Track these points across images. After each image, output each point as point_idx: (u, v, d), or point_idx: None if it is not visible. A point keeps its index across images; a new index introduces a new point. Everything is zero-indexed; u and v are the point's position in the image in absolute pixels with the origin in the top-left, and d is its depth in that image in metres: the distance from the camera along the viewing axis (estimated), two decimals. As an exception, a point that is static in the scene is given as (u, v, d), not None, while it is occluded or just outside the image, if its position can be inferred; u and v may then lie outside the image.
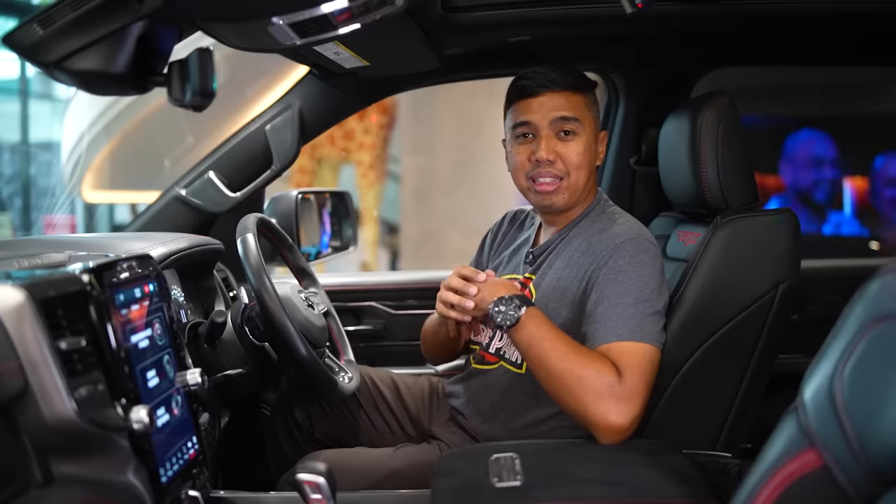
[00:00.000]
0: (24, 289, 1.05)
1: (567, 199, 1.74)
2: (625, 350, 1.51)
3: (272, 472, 1.91)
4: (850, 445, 0.80)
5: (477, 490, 1.31)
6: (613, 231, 1.68)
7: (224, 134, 2.33)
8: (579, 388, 1.46)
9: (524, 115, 1.74)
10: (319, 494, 1.19)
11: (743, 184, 1.78)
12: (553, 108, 1.71)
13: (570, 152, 1.71)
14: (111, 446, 1.14)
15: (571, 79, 1.73)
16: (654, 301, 1.58)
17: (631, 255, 1.61)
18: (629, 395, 1.46)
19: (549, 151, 1.71)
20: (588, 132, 1.73)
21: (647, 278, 1.59)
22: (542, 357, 1.51)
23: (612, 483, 1.32)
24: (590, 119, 1.75)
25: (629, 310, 1.54)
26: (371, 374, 2.05)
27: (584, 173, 1.73)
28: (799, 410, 0.87)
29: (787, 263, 1.72)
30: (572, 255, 1.71)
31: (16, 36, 1.11)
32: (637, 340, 1.52)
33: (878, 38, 2.22)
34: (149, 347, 1.28)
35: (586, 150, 1.72)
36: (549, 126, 1.72)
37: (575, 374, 1.47)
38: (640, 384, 1.48)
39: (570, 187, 1.73)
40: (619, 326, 1.53)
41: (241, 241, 1.69)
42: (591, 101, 1.76)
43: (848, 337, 0.84)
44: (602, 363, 1.49)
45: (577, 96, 1.73)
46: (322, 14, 1.19)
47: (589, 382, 1.46)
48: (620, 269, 1.59)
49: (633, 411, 1.46)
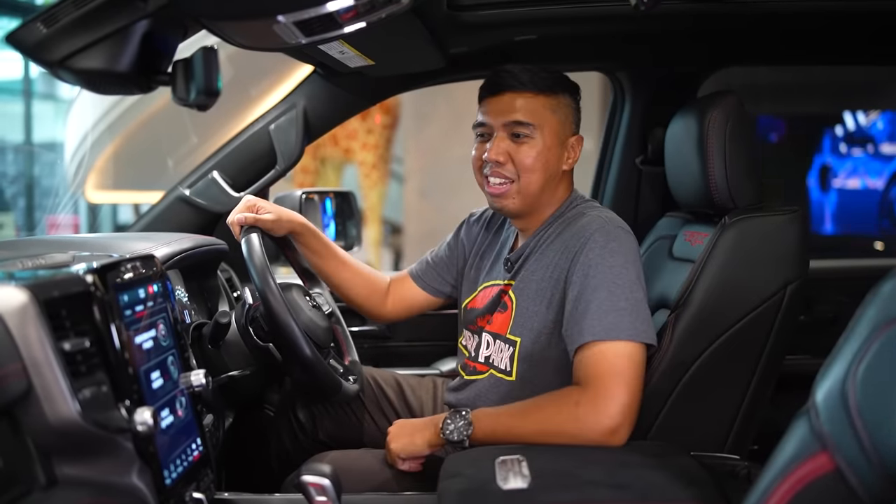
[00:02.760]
0: (27, 289, 1.04)
1: (519, 204, 1.73)
2: (595, 355, 1.50)
3: (276, 474, 1.90)
4: (863, 448, 0.79)
5: (483, 492, 1.30)
6: (581, 223, 1.66)
7: (228, 134, 2.33)
8: (558, 430, 1.48)
9: (482, 115, 1.74)
10: (324, 496, 1.18)
11: (751, 183, 1.77)
12: (508, 111, 1.70)
13: (521, 155, 1.69)
14: (115, 448, 1.13)
15: (538, 80, 1.70)
16: (631, 292, 1.54)
17: (601, 245, 1.58)
18: (600, 397, 1.46)
19: (499, 153, 1.70)
20: (547, 136, 1.70)
21: (619, 268, 1.56)
22: (511, 436, 1.51)
23: (619, 485, 1.31)
24: (552, 123, 1.71)
25: (604, 305, 1.52)
26: (375, 375, 2.05)
27: (537, 177, 1.70)
28: (811, 413, 0.86)
29: (795, 263, 1.71)
30: (549, 257, 1.69)
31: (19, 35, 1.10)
32: (613, 338, 1.50)
33: (887, 37, 2.20)
34: (153, 348, 1.27)
35: (540, 155, 1.69)
36: (502, 128, 1.70)
37: (545, 426, 1.49)
38: (617, 382, 1.47)
39: (521, 191, 1.71)
40: (594, 325, 1.51)
41: (245, 242, 1.69)
42: (558, 105, 1.72)
43: (860, 339, 0.83)
44: (557, 398, 1.51)
45: (540, 98, 1.70)
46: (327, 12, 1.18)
47: (561, 421, 1.48)
48: (591, 262, 1.57)
49: (614, 406, 1.45)
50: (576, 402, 1.47)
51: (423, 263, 2.08)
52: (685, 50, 2.36)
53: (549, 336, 1.65)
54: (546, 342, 1.65)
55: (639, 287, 1.57)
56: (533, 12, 1.91)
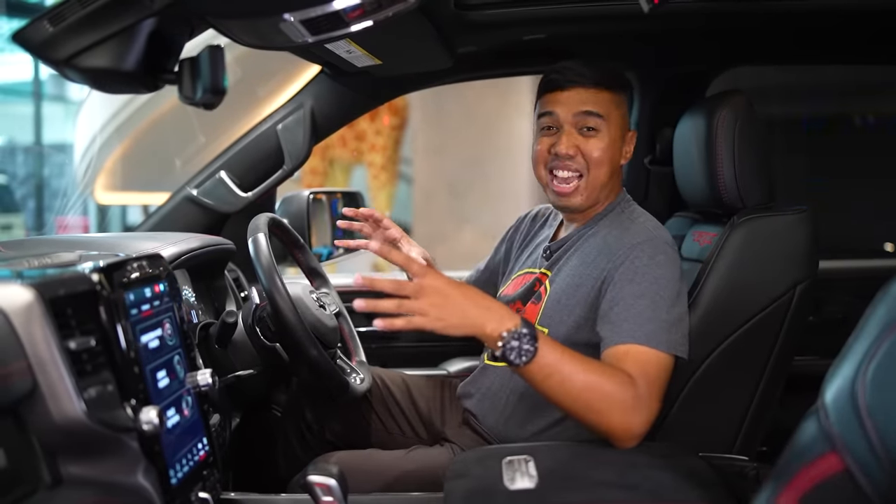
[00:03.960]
0: (33, 288, 1.04)
1: (585, 199, 1.73)
2: (640, 356, 1.48)
3: (283, 474, 1.90)
4: (872, 448, 0.78)
5: (490, 493, 1.29)
6: (631, 231, 1.66)
7: (236, 135, 2.33)
8: (605, 403, 1.40)
9: (549, 106, 1.73)
10: (331, 497, 1.18)
11: (759, 183, 1.76)
12: (578, 103, 1.70)
13: (591, 148, 1.70)
14: (120, 447, 1.13)
15: (600, 75, 1.71)
16: (671, 306, 1.53)
17: (648, 256, 1.57)
18: (646, 402, 1.43)
19: (570, 146, 1.69)
20: (613, 129, 1.71)
21: (665, 281, 1.55)
22: (564, 382, 1.40)
23: (627, 486, 1.30)
24: (616, 117, 1.72)
25: (646, 313, 1.51)
26: (381, 374, 2.04)
27: (605, 170, 1.71)
28: (820, 413, 0.85)
29: (804, 263, 1.70)
30: (589, 253, 1.69)
31: (26, 33, 1.10)
32: (652, 346, 1.48)
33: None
34: (159, 347, 1.26)
35: (608, 148, 1.70)
36: (572, 119, 1.70)
37: (601, 390, 1.40)
38: (654, 391, 1.45)
39: (589, 185, 1.71)
40: (636, 330, 1.49)
41: (252, 241, 1.69)
42: (619, 100, 1.74)
43: (870, 338, 0.82)
44: (622, 375, 1.44)
45: (605, 93, 1.71)
46: (334, 10, 1.18)
47: (615, 397, 1.40)
48: (637, 270, 1.56)
49: (650, 417, 1.43)
50: (633, 397, 1.41)
51: (476, 272, 2.15)
52: (695, 49, 2.35)
53: (577, 330, 1.63)
54: (574, 335, 1.63)
55: (681, 303, 1.57)
56: (541, 11, 1.90)
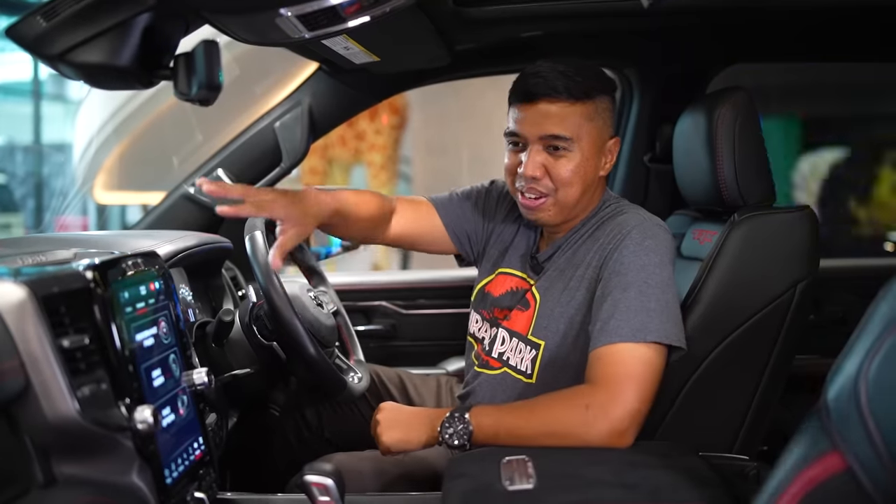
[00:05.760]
0: (26, 285, 1.03)
1: (554, 215, 1.67)
2: (613, 356, 1.46)
3: (282, 474, 1.88)
4: (875, 448, 0.77)
5: (488, 493, 1.28)
6: (618, 221, 1.62)
7: (234, 133, 2.32)
8: (565, 427, 1.42)
9: (515, 123, 1.64)
10: (328, 497, 1.17)
11: (760, 181, 1.74)
12: (543, 123, 1.60)
13: (559, 169, 1.62)
14: (115, 447, 1.12)
15: (574, 87, 1.59)
16: (661, 293, 1.50)
17: (636, 243, 1.54)
18: (610, 405, 1.41)
19: (535, 168, 1.61)
20: (585, 146, 1.62)
21: (653, 267, 1.52)
22: (514, 437, 1.44)
23: (626, 486, 1.29)
24: (590, 131, 1.62)
25: (633, 305, 1.48)
26: (378, 371, 2.04)
27: (575, 189, 1.64)
28: (821, 412, 0.84)
29: (805, 262, 1.68)
30: (580, 256, 1.65)
31: (19, 28, 1.09)
32: (638, 340, 1.46)
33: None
34: (154, 346, 1.26)
35: (579, 167, 1.62)
36: (537, 140, 1.62)
37: (556, 420, 1.43)
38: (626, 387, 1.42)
39: (559, 203, 1.65)
40: (622, 326, 1.47)
41: (249, 240, 1.68)
42: (594, 110, 1.63)
43: (872, 336, 0.81)
44: (569, 394, 1.45)
45: (577, 107, 1.60)
46: (331, 5, 1.17)
47: (571, 419, 1.42)
48: (624, 260, 1.53)
49: (623, 411, 1.41)
50: (586, 405, 1.41)
51: (448, 197, 1.92)
52: (694, 46, 2.34)
53: (575, 339, 1.60)
54: (571, 346, 1.61)
55: (671, 288, 1.53)
56: (540, 8, 1.89)
